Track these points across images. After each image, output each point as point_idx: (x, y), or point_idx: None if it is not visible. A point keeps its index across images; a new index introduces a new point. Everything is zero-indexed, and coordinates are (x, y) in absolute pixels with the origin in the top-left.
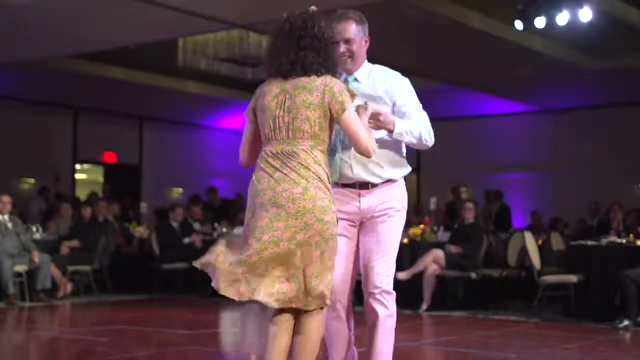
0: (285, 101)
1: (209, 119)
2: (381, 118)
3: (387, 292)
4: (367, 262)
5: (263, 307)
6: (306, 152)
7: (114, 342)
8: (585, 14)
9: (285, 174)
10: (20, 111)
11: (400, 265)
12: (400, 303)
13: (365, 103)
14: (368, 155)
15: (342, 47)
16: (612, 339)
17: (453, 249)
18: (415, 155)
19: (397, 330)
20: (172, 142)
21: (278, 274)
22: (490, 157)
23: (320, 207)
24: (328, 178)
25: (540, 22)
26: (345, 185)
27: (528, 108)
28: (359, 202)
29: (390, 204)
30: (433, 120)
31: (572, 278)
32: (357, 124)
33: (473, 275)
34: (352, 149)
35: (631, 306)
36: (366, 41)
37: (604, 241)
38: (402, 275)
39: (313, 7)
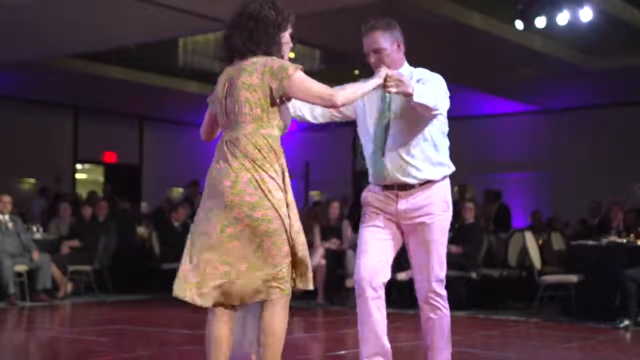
0: (229, 86)
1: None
2: (403, 79)
3: (437, 294)
4: (417, 270)
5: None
6: (246, 137)
7: (114, 342)
8: (586, 14)
9: (227, 165)
10: (20, 111)
11: (401, 265)
12: (401, 303)
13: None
14: (334, 104)
15: (373, 58)
16: (612, 339)
17: (453, 249)
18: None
19: (399, 329)
20: (172, 142)
21: (209, 271)
22: (490, 157)
23: (248, 202)
24: (272, 161)
25: (540, 22)
26: (385, 187)
27: (528, 108)
28: (397, 203)
29: (429, 209)
30: None
31: (573, 278)
32: (307, 82)
33: (473, 275)
34: (389, 151)
35: (631, 306)
36: (399, 45)
37: (604, 241)
38: (403, 276)
39: None
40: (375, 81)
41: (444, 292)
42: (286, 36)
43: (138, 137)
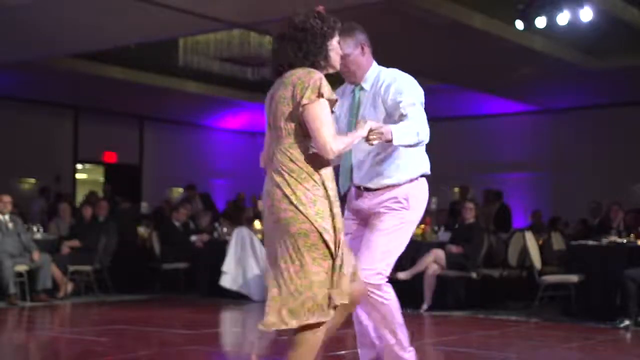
0: (269, 103)
1: (209, 119)
2: (382, 130)
3: (371, 285)
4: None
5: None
6: (282, 153)
7: (114, 342)
8: (586, 14)
9: (269, 182)
10: (20, 111)
11: (401, 265)
12: (401, 303)
13: (363, 118)
14: (326, 155)
15: (340, 65)
16: (612, 339)
17: (454, 249)
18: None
19: None
20: (172, 142)
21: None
22: (491, 157)
23: (284, 219)
24: (311, 172)
25: (540, 22)
26: (356, 186)
27: (528, 108)
28: (363, 201)
29: (389, 204)
30: (433, 120)
31: (573, 278)
32: (318, 122)
33: (474, 275)
34: (358, 154)
35: (632, 306)
36: (363, 48)
37: (604, 241)
38: (403, 275)
39: (320, 7)
40: (360, 134)
41: (379, 282)
42: (333, 43)
43: (138, 137)
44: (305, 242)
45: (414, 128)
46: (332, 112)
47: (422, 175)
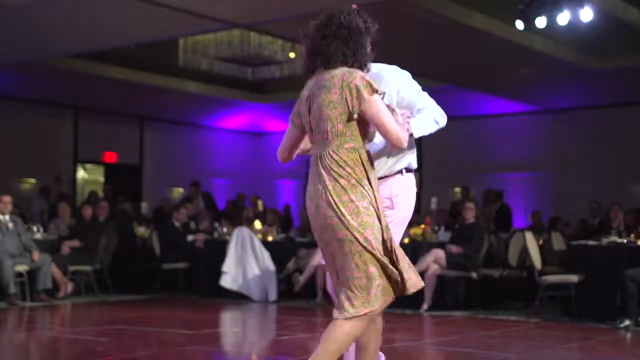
0: (310, 102)
1: (209, 119)
2: (409, 120)
3: None
4: None
5: None
6: (330, 155)
7: (114, 342)
8: (586, 14)
9: (313, 186)
10: (20, 111)
11: None
12: (401, 303)
13: (393, 110)
14: (401, 146)
15: None
16: (612, 339)
17: (454, 249)
18: (416, 155)
19: (395, 330)
20: (172, 142)
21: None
22: (491, 157)
23: (330, 225)
24: (360, 177)
25: (541, 22)
26: None
27: (528, 108)
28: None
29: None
30: None
31: (573, 278)
32: (381, 116)
33: (474, 275)
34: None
35: (632, 306)
36: (373, 48)
37: (604, 241)
38: None
39: (354, 5)
40: (401, 122)
41: None
42: (369, 44)
43: (138, 137)
44: (351, 248)
45: (431, 116)
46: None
47: (406, 170)
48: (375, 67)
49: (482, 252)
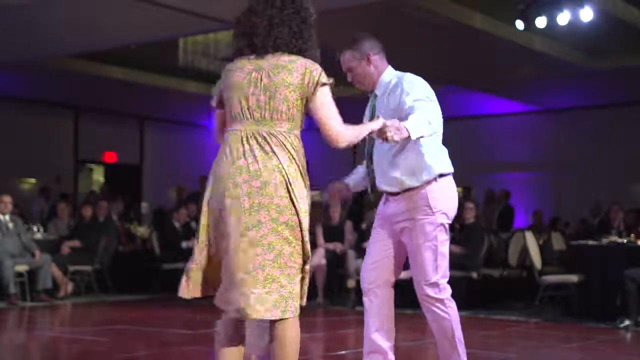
0: (261, 79)
1: (209, 119)
2: (398, 126)
3: (430, 297)
4: (411, 271)
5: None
6: (283, 136)
7: (114, 342)
8: (586, 14)
9: (256, 162)
10: (20, 111)
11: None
12: (401, 303)
13: (378, 117)
14: (335, 144)
15: (349, 77)
16: (612, 339)
17: (454, 249)
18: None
19: (401, 330)
20: (172, 142)
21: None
22: (491, 157)
23: (276, 205)
24: (304, 167)
25: (541, 22)
26: (382, 191)
27: (528, 108)
28: (387, 207)
29: (411, 214)
30: None
31: (573, 278)
32: (330, 110)
33: (474, 275)
34: (376, 159)
35: (632, 306)
36: (369, 58)
37: (604, 241)
38: (403, 275)
39: None
40: (371, 126)
41: (441, 295)
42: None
43: (138, 137)
44: (290, 234)
45: (423, 117)
46: None
47: (440, 175)
48: (397, 77)
49: (482, 252)
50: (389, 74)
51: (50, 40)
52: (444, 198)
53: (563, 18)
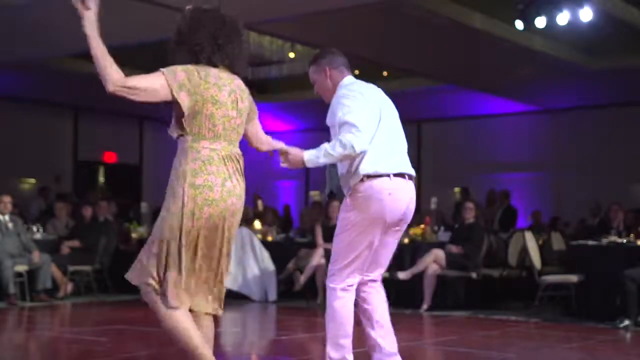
0: (237, 102)
1: None
2: (290, 157)
3: (328, 287)
4: None
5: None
6: (241, 155)
7: (114, 342)
8: (586, 14)
9: (233, 184)
10: (20, 111)
11: (401, 265)
12: (401, 303)
13: None
14: (259, 149)
15: (314, 89)
16: (612, 339)
17: (454, 248)
18: (415, 155)
19: (401, 330)
20: (172, 142)
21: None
22: (491, 157)
23: (239, 210)
24: None
25: (540, 22)
26: None
27: (528, 108)
28: None
29: (341, 208)
30: (433, 120)
31: (573, 278)
32: (260, 130)
33: (474, 275)
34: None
35: (632, 306)
36: (326, 72)
37: (604, 241)
38: (403, 275)
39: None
40: (279, 146)
41: (330, 284)
42: None
43: (138, 137)
44: (230, 245)
45: (326, 149)
46: None
47: (367, 176)
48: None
49: (482, 252)
50: (341, 86)
51: (50, 40)
52: (363, 198)
53: (563, 18)
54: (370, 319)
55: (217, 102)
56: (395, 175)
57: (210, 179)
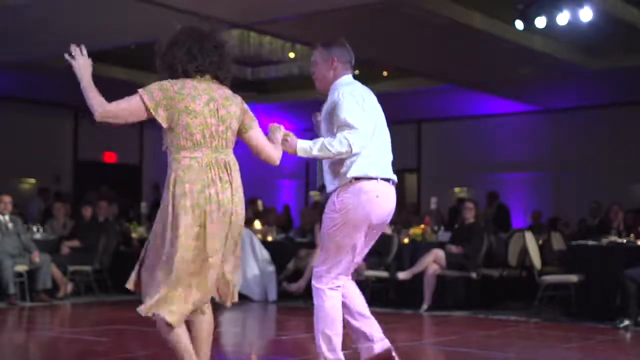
0: (217, 110)
1: None
2: (288, 139)
3: (314, 286)
4: None
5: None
6: (234, 161)
7: (114, 342)
8: (586, 14)
9: (217, 190)
10: (20, 111)
11: (401, 265)
12: (401, 303)
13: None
14: (274, 163)
15: (312, 70)
16: (612, 339)
17: (454, 249)
18: (415, 155)
19: (401, 330)
20: None
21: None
22: (491, 157)
23: (240, 213)
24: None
25: (540, 22)
26: None
27: (528, 108)
28: None
29: (327, 209)
30: (433, 120)
31: (573, 278)
32: (264, 137)
33: (473, 275)
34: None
35: (631, 306)
36: (332, 62)
37: (604, 241)
38: (403, 275)
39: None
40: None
41: (317, 285)
42: None
43: (138, 137)
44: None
45: (324, 143)
46: None
47: (355, 178)
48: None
49: (482, 252)
50: (339, 84)
51: (50, 40)
52: (349, 200)
53: (563, 18)
54: (351, 312)
55: (192, 111)
56: (382, 179)
57: (186, 187)
